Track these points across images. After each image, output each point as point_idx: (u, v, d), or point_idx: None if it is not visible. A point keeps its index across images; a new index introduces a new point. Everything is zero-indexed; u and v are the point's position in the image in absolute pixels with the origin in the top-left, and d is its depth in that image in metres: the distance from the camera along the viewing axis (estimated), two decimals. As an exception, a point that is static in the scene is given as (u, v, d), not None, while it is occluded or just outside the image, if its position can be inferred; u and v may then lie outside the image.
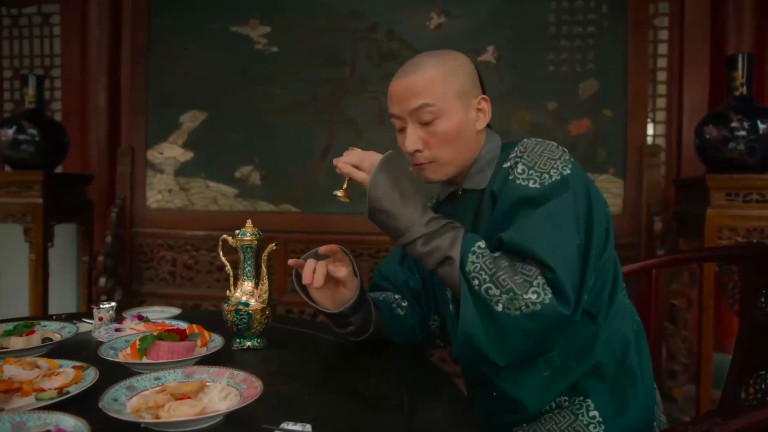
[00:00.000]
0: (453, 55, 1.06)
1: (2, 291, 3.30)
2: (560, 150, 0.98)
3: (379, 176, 0.94)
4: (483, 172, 1.06)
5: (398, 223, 0.95)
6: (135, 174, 3.13)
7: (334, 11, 2.92)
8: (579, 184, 0.95)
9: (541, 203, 0.92)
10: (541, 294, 0.86)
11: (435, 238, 0.93)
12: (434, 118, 1.00)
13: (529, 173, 0.95)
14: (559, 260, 0.87)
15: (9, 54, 3.84)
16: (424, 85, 1.00)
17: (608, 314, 1.01)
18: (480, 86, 1.09)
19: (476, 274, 0.89)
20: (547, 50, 2.72)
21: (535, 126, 2.72)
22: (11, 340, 1.04)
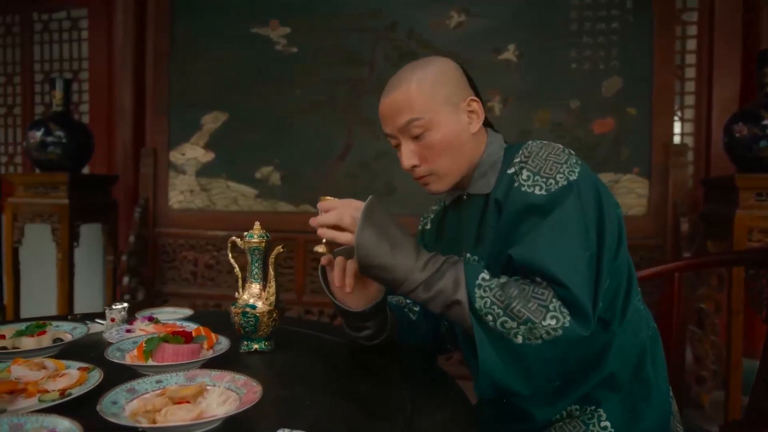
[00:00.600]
0: (433, 63, 1.03)
1: (33, 289, 3.38)
2: (566, 153, 0.94)
3: (365, 232, 0.90)
4: (486, 176, 1.02)
5: (394, 275, 0.91)
6: (158, 175, 3.17)
7: (353, 11, 2.91)
8: (587, 189, 0.91)
9: (548, 211, 0.88)
10: (560, 318, 0.83)
11: (436, 282, 0.89)
12: (424, 130, 0.98)
13: (535, 179, 0.91)
14: (572, 274, 0.84)
15: (40, 58, 3.94)
16: (408, 99, 0.98)
17: (623, 321, 0.97)
18: (470, 87, 1.05)
19: (488, 309, 0.85)
20: (569, 47, 2.66)
21: (557, 125, 2.67)
22: (22, 340, 1.05)
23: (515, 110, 2.72)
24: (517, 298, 0.84)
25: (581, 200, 0.89)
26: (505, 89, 2.73)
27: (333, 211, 0.96)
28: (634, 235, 2.59)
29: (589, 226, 0.89)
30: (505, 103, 2.73)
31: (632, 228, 2.60)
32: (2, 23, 4.00)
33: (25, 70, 3.95)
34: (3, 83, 4.00)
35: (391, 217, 0.94)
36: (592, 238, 0.88)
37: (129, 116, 3.39)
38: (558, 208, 0.88)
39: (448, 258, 0.93)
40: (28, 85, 3.94)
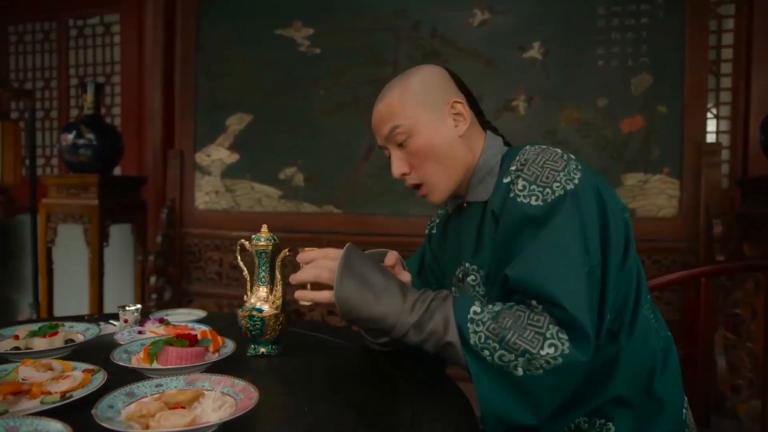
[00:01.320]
0: (416, 71, 1.03)
1: (66, 288, 3.48)
2: (564, 159, 0.89)
3: (345, 286, 0.87)
4: (484, 182, 0.99)
5: (383, 323, 0.87)
6: (184, 176, 3.22)
7: (377, 11, 2.90)
8: (588, 196, 0.86)
9: (544, 224, 0.84)
10: (559, 345, 0.78)
11: (426, 324, 0.86)
12: (407, 137, 0.98)
13: (531, 189, 0.87)
14: (569, 293, 0.79)
15: (75, 63, 4.05)
16: (389, 109, 1.00)
17: (632, 333, 0.92)
18: (457, 90, 1.03)
19: (484, 344, 0.81)
20: (596, 44, 2.59)
21: (583, 124, 2.60)
22: (35, 341, 1.07)
23: (540, 109, 2.66)
24: (512, 328, 0.80)
25: (580, 210, 0.85)
26: (529, 88, 2.67)
27: (310, 265, 0.94)
28: (664, 238, 2.51)
29: (589, 238, 0.84)
30: (529, 102, 2.67)
31: (662, 230, 2.51)
32: (40, 30, 4.13)
33: (61, 74, 4.07)
34: (41, 88, 4.13)
35: (371, 262, 0.91)
36: (594, 250, 0.84)
37: (158, 119, 3.46)
38: (554, 221, 0.84)
39: (437, 294, 0.89)
40: (63, 89, 4.06)
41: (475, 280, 1.01)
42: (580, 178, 0.87)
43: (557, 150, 0.91)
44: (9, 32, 4.19)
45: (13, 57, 4.19)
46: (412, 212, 2.68)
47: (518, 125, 2.68)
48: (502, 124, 2.63)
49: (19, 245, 4.02)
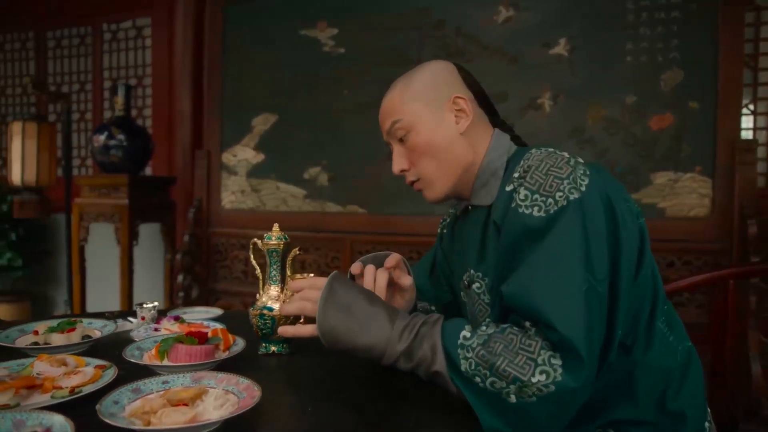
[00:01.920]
0: (421, 67, 1.02)
1: (98, 285, 3.57)
2: (571, 165, 0.83)
3: (328, 318, 0.85)
4: (488, 185, 0.96)
5: (370, 353, 0.85)
6: (211, 176, 3.27)
7: (401, 10, 2.89)
8: (594, 205, 0.81)
9: (544, 238, 0.80)
10: (550, 372, 0.74)
11: (415, 351, 0.83)
12: (406, 132, 0.97)
13: (533, 198, 0.82)
14: (564, 314, 0.75)
15: (109, 66, 4.16)
16: (391, 104, 0.99)
17: (648, 346, 0.88)
18: (463, 87, 0.99)
19: (475, 371, 0.78)
20: (625, 39, 2.52)
21: (611, 122, 2.54)
22: (53, 336, 1.10)
23: (566, 107, 2.61)
24: (503, 354, 0.77)
25: (585, 220, 0.80)
26: (555, 85, 2.62)
27: (296, 297, 0.93)
28: (695, 238, 2.42)
29: (593, 251, 0.79)
30: (555, 100, 2.62)
31: (693, 230, 2.43)
32: (76, 34, 4.26)
33: (96, 77, 4.19)
34: (76, 91, 4.26)
35: (357, 290, 0.89)
36: (600, 264, 0.79)
37: (188, 120, 3.52)
38: (553, 235, 0.80)
39: (427, 319, 0.86)
40: (98, 92, 4.18)
41: (480, 288, 0.98)
42: (587, 184, 0.82)
43: (564, 154, 0.86)
44: (48, 38, 4.34)
45: (51, 61, 4.33)
46: (436, 212, 2.66)
47: (544, 124, 2.63)
48: (527, 123, 2.62)
49: (55, 244, 4.15)
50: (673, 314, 0.97)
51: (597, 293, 0.78)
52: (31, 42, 4.39)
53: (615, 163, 2.52)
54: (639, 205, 2.57)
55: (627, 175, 2.51)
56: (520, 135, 1.07)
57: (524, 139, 1.08)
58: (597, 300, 0.78)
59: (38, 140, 3.09)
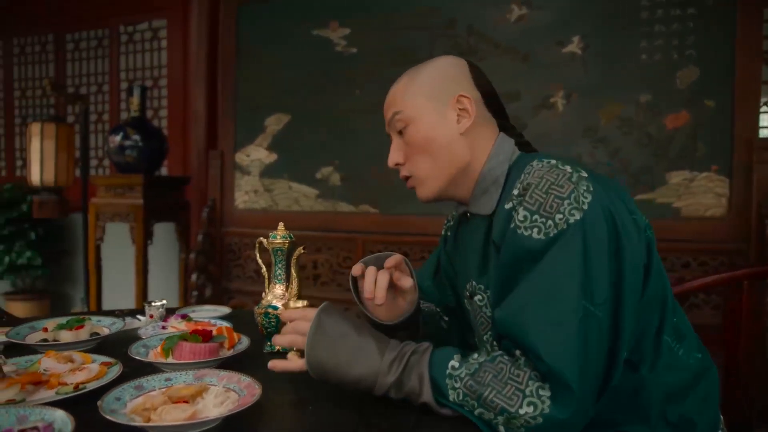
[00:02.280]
0: (431, 61, 0.99)
1: (114, 284, 3.62)
2: (573, 182, 0.80)
3: (315, 352, 0.84)
4: (488, 193, 0.93)
5: (359, 385, 0.83)
6: (224, 176, 3.30)
7: (412, 10, 2.89)
8: (597, 224, 0.78)
9: (540, 263, 0.78)
10: (538, 404, 0.72)
11: (405, 383, 0.81)
12: (405, 125, 0.95)
13: (533, 220, 0.79)
14: (552, 344, 0.73)
15: (125, 68, 4.22)
16: (395, 96, 0.97)
17: (655, 363, 0.86)
18: (467, 84, 0.96)
19: (463, 401, 0.77)
20: (639, 37, 2.49)
21: (625, 120, 2.51)
22: (62, 333, 1.11)
23: (580, 106, 2.58)
24: (491, 384, 0.75)
25: (586, 242, 0.77)
26: (568, 84, 2.60)
27: (287, 327, 0.91)
28: (712, 239, 2.38)
29: (594, 275, 0.77)
30: (568, 98, 2.60)
31: (709, 230, 2.39)
32: (94, 37, 4.32)
33: (113, 79, 4.25)
34: (94, 92, 4.32)
35: (346, 321, 0.87)
36: (600, 287, 0.77)
37: (202, 120, 3.55)
38: (549, 260, 0.77)
39: (417, 348, 0.84)
40: (114, 93, 4.24)
41: (482, 300, 0.97)
42: (590, 202, 0.79)
43: (566, 169, 0.82)
44: (66, 40, 4.41)
45: (69, 64, 4.40)
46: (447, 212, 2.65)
47: (556, 122, 2.61)
48: (540, 122, 2.60)
49: (73, 243, 4.22)
50: (684, 324, 0.94)
51: (595, 319, 0.76)
52: (51, 45, 4.47)
53: (629, 162, 2.49)
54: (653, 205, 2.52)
55: (641, 175, 2.48)
56: (533, 134, 1.04)
57: (537, 138, 1.06)
58: (595, 326, 0.76)
59: (56, 141, 3.14)
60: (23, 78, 4.60)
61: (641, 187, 2.47)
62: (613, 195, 0.84)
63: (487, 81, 0.99)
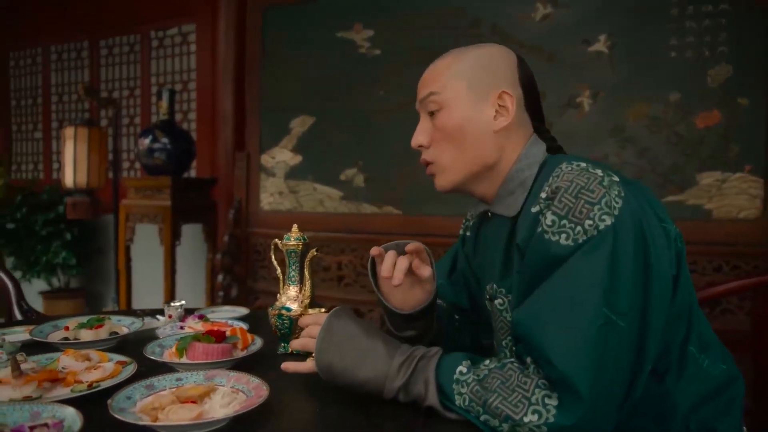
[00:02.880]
0: (480, 46, 0.94)
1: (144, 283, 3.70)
2: (604, 186, 0.77)
3: (324, 355, 0.84)
4: (514, 194, 0.90)
5: (368, 387, 0.83)
6: (250, 177, 3.34)
7: (435, 10, 2.87)
8: (624, 234, 0.75)
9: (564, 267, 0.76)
10: (543, 412, 0.71)
11: (412, 387, 0.81)
12: (438, 108, 0.90)
13: (561, 224, 0.77)
14: (565, 349, 0.72)
15: (156, 72, 4.31)
16: (435, 74, 0.92)
17: (680, 374, 0.84)
18: (512, 81, 0.91)
19: (468, 407, 0.76)
20: (669, 34, 2.42)
21: (654, 120, 2.44)
22: (82, 332, 1.14)
23: (606, 105, 2.53)
24: (497, 390, 0.75)
25: (614, 251, 0.74)
26: (595, 83, 2.55)
27: (305, 332, 0.93)
28: (745, 241, 2.30)
29: (619, 284, 0.74)
30: (595, 98, 2.55)
31: (743, 233, 2.31)
32: (126, 42, 4.43)
33: (144, 83, 4.35)
34: (126, 96, 4.43)
35: (356, 325, 0.86)
36: (625, 296, 0.74)
37: (230, 122, 3.59)
38: (573, 265, 0.75)
39: (426, 353, 0.83)
40: (145, 97, 4.33)
41: (502, 305, 0.95)
42: (621, 208, 0.76)
43: (597, 172, 0.79)
44: (100, 46, 4.53)
45: (103, 69, 4.52)
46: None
47: (582, 123, 2.56)
48: (565, 122, 2.56)
49: (107, 242, 4.33)
50: (708, 334, 0.91)
51: (616, 328, 0.73)
52: (86, 51, 4.60)
53: (657, 162, 2.42)
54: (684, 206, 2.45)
55: (671, 175, 2.41)
56: (559, 134, 1.01)
57: (562, 138, 1.02)
58: (616, 335, 0.73)
59: (89, 144, 3.23)
60: (60, 84, 4.75)
61: (671, 188, 2.40)
62: (644, 202, 0.81)
63: (532, 79, 0.95)
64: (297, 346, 0.93)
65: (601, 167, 0.81)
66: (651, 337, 0.76)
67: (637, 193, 0.81)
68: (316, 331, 0.88)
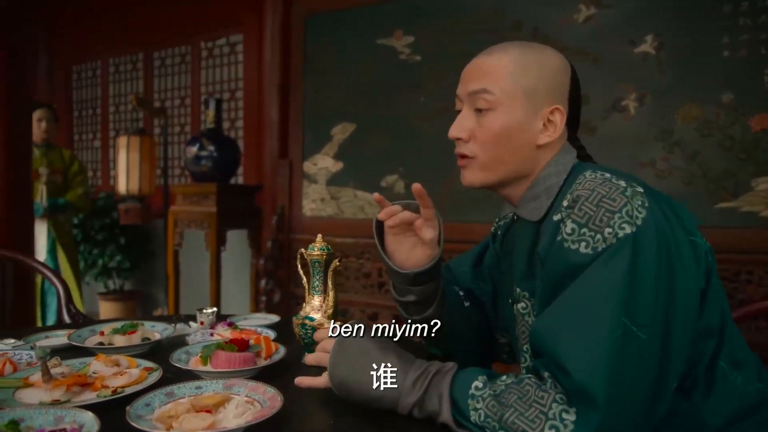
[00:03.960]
0: (542, 50, 0.91)
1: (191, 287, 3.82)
2: (627, 196, 0.75)
3: (338, 371, 0.84)
4: (538, 199, 0.89)
5: (382, 403, 0.82)
6: (293, 184, 3.39)
7: (476, 13, 2.84)
8: (647, 244, 0.73)
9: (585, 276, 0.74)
10: (560, 427, 0.69)
11: (427, 403, 0.79)
12: (489, 107, 0.87)
13: (581, 233, 0.75)
14: (582, 359, 0.70)
15: (205, 81, 4.45)
16: (492, 69, 0.88)
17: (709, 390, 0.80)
18: (564, 96, 0.90)
19: (484, 422, 0.75)
20: (721, 32, 2.30)
21: (705, 123, 2.33)
22: (115, 337, 1.18)
23: (654, 108, 2.43)
24: (514, 405, 0.73)
25: (635, 260, 0.72)
26: (641, 85, 2.45)
27: (319, 346, 0.93)
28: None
29: (639, 294, 0.72)
30: (641, 101, 2.45)
31: (803, 243, 2.17)
32: (178, 53, 4.60)
33: (194, 92, 4.50)
34: (177, 105, 4.59)
35: (370, 339, 0.86)
36: (645, 308, 0.72)
37: (275, 130, 3.66)
38: (592, 274, 0.73)
39: (441, 368, 0.82)
40: (195, 106, 4.48)
41: (525, 309, 0.94)
42: (644, 218, 0.74)
43: (620, 183, 0.77)
44: (154, 58, 4.72)
45: (156, 79, 4.71)
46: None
47: (628, 127, 2.47)
48: (610, 126, 2.48)
49: (158, 247, 4.49)
50: (743, 352, 0.86)
51: (636, 339, 0.71)
52: (141, 63, 4.80)
53: (708, 168, 2.31)
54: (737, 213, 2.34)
55: (723, 181, 2.29)
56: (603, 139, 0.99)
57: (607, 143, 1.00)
58: (635, 347, 0.71)
59: (140, 152, 3.37)
60: (117, 94, 4.98)
61: (723, 194, 2.28)
62: (671, 214, 0.78)
63: (579, 96, 0.93)
64: (312, 361, 0.92)
65: (626, 178, 0.79)
66: (675, 351, 0.73)
67: (665, 205, 0.79)
68: (330, 345, 0.88)
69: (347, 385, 0.84)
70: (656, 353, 0.72)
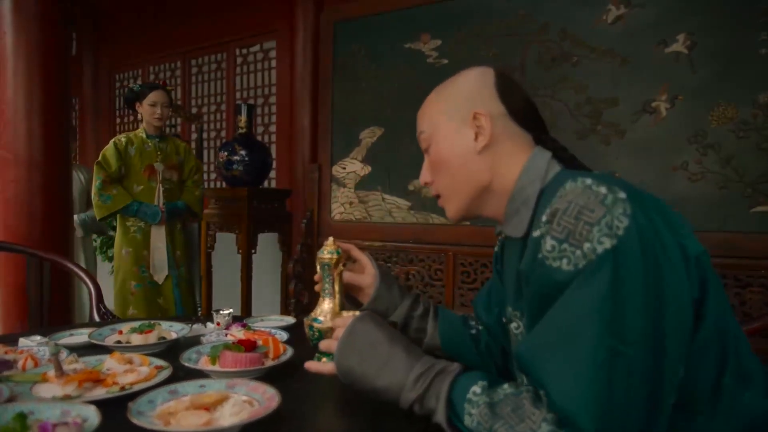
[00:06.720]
0: (456, 75, 0.98)
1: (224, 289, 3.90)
2: (605, 205, 0.70)
3: (345, 360, 0.87)
4: (519, 213, 0.86)
5: (386, 395, 0.84)
6: (322, 188, 3.42)
7: (503, 17, 2.82)
8: (630, 256, 0.69)
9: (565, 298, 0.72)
10: None
11: (427, 401, 0.81)
12: (428, 144, 0.96)
13: (561, 249, 0.72)
14: (564, 383, 0.68)
15: (240, 87, 4.55)
16: (422, 113, 0.99)
17: (714, 410, 0.76)
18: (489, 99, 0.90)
19: (476, 428, 0.75)
20: (757, 30, 2.22)
21: (740, 124, 2.24)
22: (133, 336, 1.23)
23: (686, 109, 2.35)
24: (506, 417, 0.72)
25: (617, 275, 0.68)
26: (673, 86, 2.38)
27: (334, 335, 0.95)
28: None
29: (626, 310, 0.68)
30: (673, 102, 2.38)
31: None
32: (214, 60, 4.71)
33: (229, 98, 4.60)
34: (213, 111, 4.70)
35: (380, 331, 0.88)
36: (632, 325, 0.68)
37: (307, 135, 3.72)
38: (572, 295, 0.70)
39: (445, 367, 0.83)
40: (230, 111, 4.58)
41: (518, 328, 0.92)
42: (626, 227, 0.69)
43: (600, 190, 0.72)
44: (191, 65, 4.85)
45: (194, 86, 4.84)
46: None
47: (659, 129, 2.40)
48: (640, 129, 2.42)
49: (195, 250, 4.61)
50: (751, 366, 0.81)
51: (624, 359, 0.67)
52: (179, 70, 4.94)
53: (744, 171, 2.22)
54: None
55: (761, 185, 2.20)
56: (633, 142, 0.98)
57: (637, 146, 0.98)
58: (623, 366, 0.67)
59: (176, 157, 3.46)
60: (156, 101, 5.12)
61: (760, 199, 2.19)
62: (657, 218, 0.73)
63: (516, 92, 0.92)
64: (323, 348, 0.96)
65: (608, 183, 0.74)
66: (669, 366, 0.69)
67: (651, 209, 0.74)
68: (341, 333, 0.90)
69: (353, 374, 0.86)
70: (649, 368, 0.68)
